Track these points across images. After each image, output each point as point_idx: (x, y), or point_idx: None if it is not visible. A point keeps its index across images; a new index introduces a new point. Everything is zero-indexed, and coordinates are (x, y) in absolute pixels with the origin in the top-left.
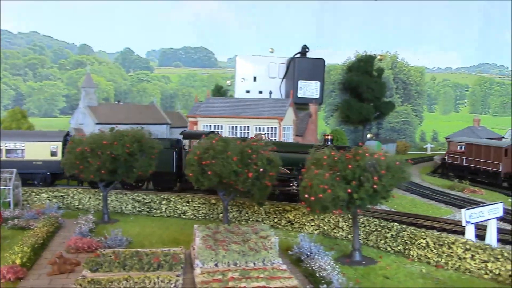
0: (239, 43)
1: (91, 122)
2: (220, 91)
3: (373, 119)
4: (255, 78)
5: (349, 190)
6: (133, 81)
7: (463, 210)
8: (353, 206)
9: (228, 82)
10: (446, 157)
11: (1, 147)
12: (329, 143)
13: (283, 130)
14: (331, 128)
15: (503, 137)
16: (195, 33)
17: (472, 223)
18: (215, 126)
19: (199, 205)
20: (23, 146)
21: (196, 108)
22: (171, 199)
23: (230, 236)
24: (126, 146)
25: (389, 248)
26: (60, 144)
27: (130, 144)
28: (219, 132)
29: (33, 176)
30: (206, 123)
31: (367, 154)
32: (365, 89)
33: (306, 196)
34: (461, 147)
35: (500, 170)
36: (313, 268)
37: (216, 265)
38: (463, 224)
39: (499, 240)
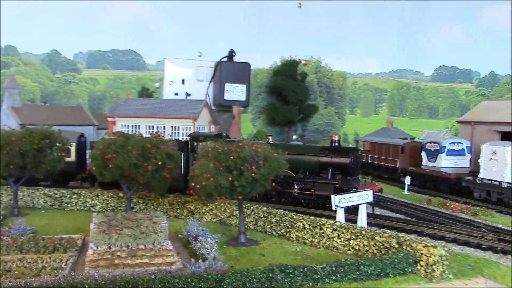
0: (168, 47)
1: (14, 123)
2: (146, 93)
3: (297, 121)
4: (183, 81)
5: (230, 178)
6: (60, 83)
7: (333, 196)
8: (236, 193)
9: (157, 84)
10: None
11: None
12: (336, 144)
13: (198, 129)
14: (257, 130)
15: (413, 138)
16: (124, 36)
17: (341, 207)
18: (132, 125)
19: (108, 198)
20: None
21: (115, 108)
22: (81, 193)
23: (124, 222)
24: (34, 142)
25: (274, 232)
26: (74, 146)
27: (38, 141)
28: (139, 132)
29: (47, 176)
30: (124, 123)
31: (246, 147)
32: (290, 93)
33: (193, 184)
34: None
35: (397, 166)
36: (196, 248)
37: (109, 247)
38: (333, 208)
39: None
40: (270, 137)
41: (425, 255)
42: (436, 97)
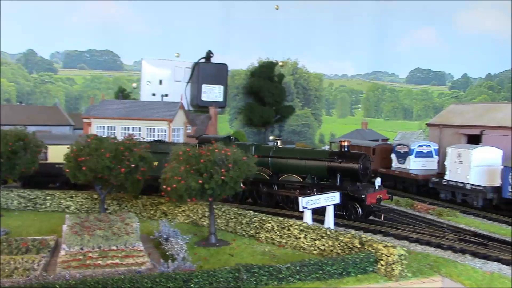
0: (146, 47)
1: None
2: (123, 94)
3: (273, 122)
4: (160, 82)
5: (200, 181)
6: (37, 83)
7: (300, 198)
8: (206, 195)
9: (134, 85)
10: None
11: None
12: (346, 149)
13: (173, 131)
14: (234, 131)
15: (386, 139)
16: (101, 36)
17: (309, 209)
18: (108, 127)
19: (82, 199)
20: (46, 149)
21: (90, 109)
22: (56, 194)
23: (97, 223)
24: (8, 144)
25: (244, 233)
26: None
27: (12, 143)
28: (113, 134)
29: (55, 179)
30: (99, 124)
31: (217, 150)
32: (266, 94)
33: (164, 187)
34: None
35: None
36: (166, 248)
37: (81, 248)
38: (300, 209)
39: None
40: (278, 141)
41: (385, 255)
42: (411, 99)
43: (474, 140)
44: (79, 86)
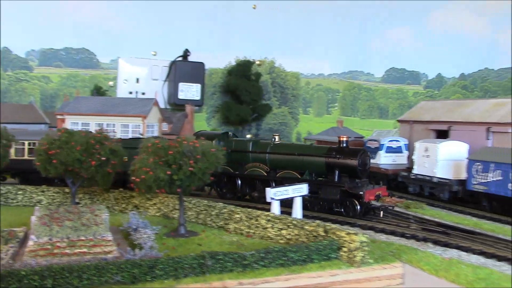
0: (123, 45)
1: None
2: (99, 92)
3: (251, 120)
4: (138, 80)
5: (169, 172)
6: (11, 81)
7: (267, 189)
8: (174, 186)
9: (111, 83)
10: None
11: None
12: (345, 144)
13: (148, 127)
14: (211, 128)
15: (361, 137)
16: (77, 34)
17: (276, 200)
18: (82, 123)
19: (53, 194)
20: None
21: (64, 106)
22: (27, 189)
23: (66, 215)
24: None
25: (213, 224)
26: None
27: None
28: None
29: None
30: (73, 120)
31: (185, 142)
32: (243, 92)
33: (133, 178)
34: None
35: None
36: (134, 238)
37: (50, 239)
38: (268, 200)
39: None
40: (276, 137)
41: (348, 242)
42: (386, 98)
43: (443, 135)
44: (55, 84)
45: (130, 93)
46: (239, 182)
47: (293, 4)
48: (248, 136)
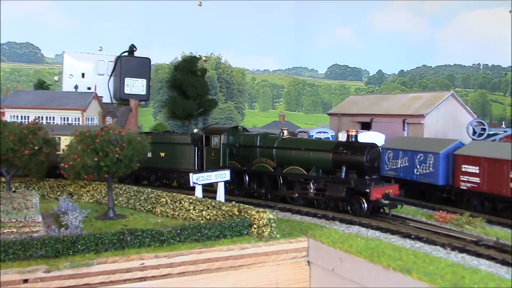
0: (68, 40)
1: None
2: (43, 86)
3: (197, 115)
4: (83, 75)
5: (96, 159)
6: None
7: (190, 174)
8: (102, 172)
9: (56, 78)
10: None
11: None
12: (354, 139)
13: (87, 120)
14: (157, 123)
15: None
16: (21, 28)
17: (199, 184)
18: (21, 116)
19: None
20: (59, 138)
21: (4, 100)
22: None
23: None
24: None
25: (142, 208)
26: None
27: None
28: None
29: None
30: (13, 113)
31: (111, 131)
32: (189, 87)
33: (62, 164)
34: None
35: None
36: (63, 220)
37: None
38: (191, 185)
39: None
40: (285, 131)
41: (257, 219)
42: (329, 94)
43: (367, 127)
44: None
45: (76, 87)
46: (247, 178)
47: (240, 3)
48: (195, 130)
